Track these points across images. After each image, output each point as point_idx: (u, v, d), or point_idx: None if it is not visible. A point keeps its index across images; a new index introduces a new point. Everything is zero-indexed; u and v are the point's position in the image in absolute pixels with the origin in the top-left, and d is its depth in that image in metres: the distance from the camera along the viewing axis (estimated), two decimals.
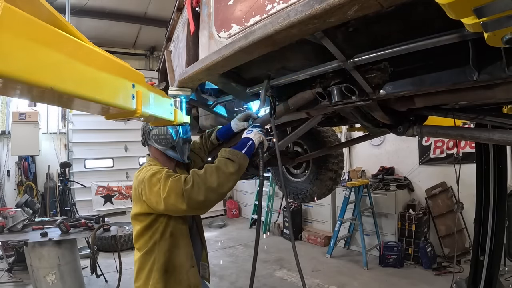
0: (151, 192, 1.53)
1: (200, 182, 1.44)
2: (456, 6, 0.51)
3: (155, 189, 1.51)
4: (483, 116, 1.48)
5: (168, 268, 1.65)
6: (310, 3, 0.73)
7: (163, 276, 1.64)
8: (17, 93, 0.81)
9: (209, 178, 1.44)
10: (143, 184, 1.58)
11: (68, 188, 6.36)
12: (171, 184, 1.47)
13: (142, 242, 1.69)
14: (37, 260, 3.50)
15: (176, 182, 1.47)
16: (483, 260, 2.77)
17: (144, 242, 1.68)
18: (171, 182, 1.48)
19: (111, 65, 1.00)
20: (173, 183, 1.47)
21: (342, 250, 5.75)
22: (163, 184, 1.49)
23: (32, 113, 6.14)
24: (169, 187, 1.46)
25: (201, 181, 1.44)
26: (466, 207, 4.41)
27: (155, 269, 1.64)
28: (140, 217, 1.67)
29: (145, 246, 1.68)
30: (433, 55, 0.94)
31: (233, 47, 1.03)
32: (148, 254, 1.67)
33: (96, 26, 6.61)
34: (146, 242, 1.68)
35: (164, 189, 1.47)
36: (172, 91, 1.57)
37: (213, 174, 1.45)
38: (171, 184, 1.47)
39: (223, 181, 1.45)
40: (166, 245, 1.66)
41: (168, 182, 1.48)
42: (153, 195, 1.52)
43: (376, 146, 6.19)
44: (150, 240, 1.66)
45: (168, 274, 1.65)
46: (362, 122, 1.50)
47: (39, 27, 0.71)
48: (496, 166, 2.74)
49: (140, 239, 1.70)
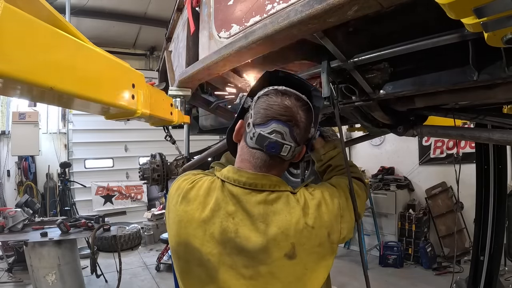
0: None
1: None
2: (456, 6, 0.51)
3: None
4: (483, 116, 1.48)
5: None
6: (310, 3, 0.73)
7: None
8: (17, 93, 0.81)
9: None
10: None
11: (68, 188, 6.37)
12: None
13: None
14: (37, 260, 3.50)
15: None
16: (483, 260, 2.77)
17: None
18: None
19: (111, 65, 1.00)
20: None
21: (342, 250, 5.75)
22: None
23: (32, 113, 6.14)
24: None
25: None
26: (466, 207, 4.42)
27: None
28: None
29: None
30: (433, 55, 0.94)
31: (233, 47, 1.03)
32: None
33: (96, 26, 6.61)
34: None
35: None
36: (172, 91, 1.57)
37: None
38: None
39: None
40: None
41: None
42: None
43: (376, 146, 6.19)
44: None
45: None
46: (362, 122, 1.50)
47: (39, 27, 0.71)
48: (496, 166, 2.74)
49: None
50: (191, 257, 0.90)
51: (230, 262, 0.87)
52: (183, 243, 0.90)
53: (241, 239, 0.86)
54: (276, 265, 0.86)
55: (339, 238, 0.92)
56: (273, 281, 0.86)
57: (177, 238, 0.92)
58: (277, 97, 0.90)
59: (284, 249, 0.85)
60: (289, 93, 0.91)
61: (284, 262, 0.86)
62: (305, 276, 0.88)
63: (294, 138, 0.89)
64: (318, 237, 0.88)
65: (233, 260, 0.87)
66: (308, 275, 0.89)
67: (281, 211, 0.87)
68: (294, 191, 0.93)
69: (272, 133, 0.88)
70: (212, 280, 0.88)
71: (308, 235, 0.87)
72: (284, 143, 0.88)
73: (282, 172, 0.98)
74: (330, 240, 0.90)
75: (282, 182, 0.93)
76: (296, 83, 0.97)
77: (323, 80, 1.05)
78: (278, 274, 0.86)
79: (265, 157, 0.91)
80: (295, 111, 0.89)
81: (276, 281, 0.87)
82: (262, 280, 0.86)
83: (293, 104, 0.90)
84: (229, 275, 0.87)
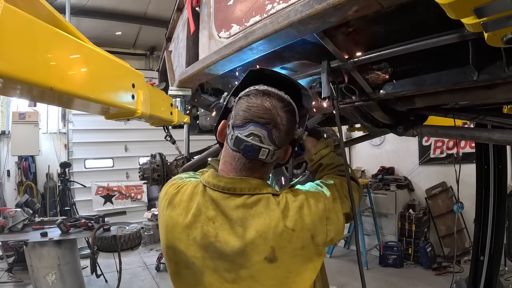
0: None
1: None
2: (456, 6, 0.51)
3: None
4: (483, 116, 1.48)
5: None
6: (310, 3, 0.73)
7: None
8: (17, 93, 0.81)
9: None
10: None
11: (68, 188, 6.37)
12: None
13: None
14: (37, 260, 3.50)
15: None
16: (483, 260, 2.77)
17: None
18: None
19: (111, 65, 1.00)
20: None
21: (342, 250, 5.75)
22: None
23: (32, 113, 6.14)
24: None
25: None
26: (466, 207, 4.40)
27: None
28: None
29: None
30: (433, 55, 0.94)
31: (233, 47, 1.03)
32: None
33: (96, 26, 6.61)
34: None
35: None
36: (172, 91, 1.57)
37: None
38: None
39: None
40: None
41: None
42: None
43: (376, 146, 6.19)
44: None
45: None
46: (362, 122, 1.50)
47: (39, 27, 0.71)
48: (496, 166, 2.73)
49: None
50: (179, 260, 0.91)
51: (213, 265, 0.87)
52: (171, 246, 0.92)
53: (221, 243, 0.86)
54: (256, 269, 0.85)
55: (325, 241, 0.89)
56: (255, 284, 0.86)
57: (166, 241, 0.93)
58: (257, 98, 0.87)
59: (264, 253, 0.84)
60: (272, 94, 0.88)
61: (265, 266, 0.84)
62: (288, 279, 0.87)
63: (273, 141, 0.86)
64: (300, 239, 0.85)
65: (215, 264, 0.87)
66: (292, 278, 0.87)
67: (260, 214, 0.85)
68: (277, 193, 0.90)
69: (249, 136, 0.85)
70: (199, 283, 0.89)
71: (289, 238, 0.84)
72: (261, 146, 0.85)
73: (266, 175, 0.96)
74: (314, 243, 0.87)
75: (263, 184, 0.90)
76: (284, 82, 0.94)
77: (323, 80, 1.04)
78: (259, 278, 0.85)
79: (244, 160, 0.89)
80: (275, 113, 0.86)
81: (257, 284, 0.86)
82: (244, 284, 0.86)
83: (274, 105, 0.87)
84: (212, 278, 0.88)
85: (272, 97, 0.88)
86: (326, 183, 0.98)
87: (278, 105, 0.87)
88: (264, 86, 0.90)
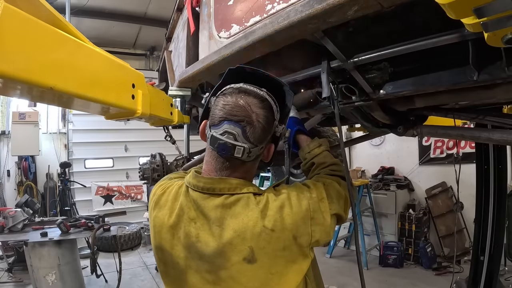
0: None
1: None
2: (456, 6, 0.51)
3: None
4: (483, 116, 1.48)
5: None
6: (310, 3, 0.73)
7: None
8: (17, 93, 0.81)
9: None
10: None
11: (68, 188, 6.37)
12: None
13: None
14: (37, 260, 3.50)
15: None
16: (483, 260, 2.77)
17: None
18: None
19: (111, 65, 1.00)
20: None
21: (342, 250, 5.75)
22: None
23: (32, 113, 6.14)
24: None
25: None
26: (466, 207, 4.41)
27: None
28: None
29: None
30: (433, 55, 0.94)
31: (233, 47, 1.03)
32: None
33: (96, 26, 6.61)
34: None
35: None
36: (172, 91, 1.57)
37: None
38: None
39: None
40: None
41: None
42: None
43: (376, 146, 6.19)
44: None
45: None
46: (362, 122, 1.50)
47: (39, 27, 0.71)
48: (496, 166, 2.73)
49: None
50: (167, 260, 0.92)
51: (195, 266, 0.87)
52: (159, 246, 0.93)
53: (201, 243, 0.85)
54: (236, 270, 0.83)
55: (309, 242, 0.86)
56: (235, 286, 0.84)
57: (154, 241, 0.94)
58: (232, 96, 0.86)
59: (242, 253, 0.82)
60: (248, 91, 0.86)
61: (244, 267, 0.82)
62: (271, 281, 0.84)
63: (248, 139, 0.83)
64: (281, 240, 0.83)
65: (197, 265, 0.87)
66: (275, 280, 0.84)
67: (238, 214, 0.83)
68: (259, 192, 0.88)
69: (223, 134, 0.83)
70: (184, 283, 0.89)
71: (268, 239, 0.82)
72: (235, 144, 0.82)
73: (248, 174, 0.92)
74: (297, 244, 0.84)
75: (244, 184, 0.87)
76: (266, 80, 0.92)
77: (323, 80, 1.04)
78: (239, 279, 0.83)
79: (221, 159, 0.87)
80: (249, 110, 0.83)
81: (238, 286, 0.84)
82: (224, 285, 0.85)
83: (249, 102, 0.84)
84: (195, 278, 0.87)
85: (248, 95, 0.86)
86: (314, 182, 0.95)
87: (253, 102, 0.85)
88: (241, 84, 0.89)
